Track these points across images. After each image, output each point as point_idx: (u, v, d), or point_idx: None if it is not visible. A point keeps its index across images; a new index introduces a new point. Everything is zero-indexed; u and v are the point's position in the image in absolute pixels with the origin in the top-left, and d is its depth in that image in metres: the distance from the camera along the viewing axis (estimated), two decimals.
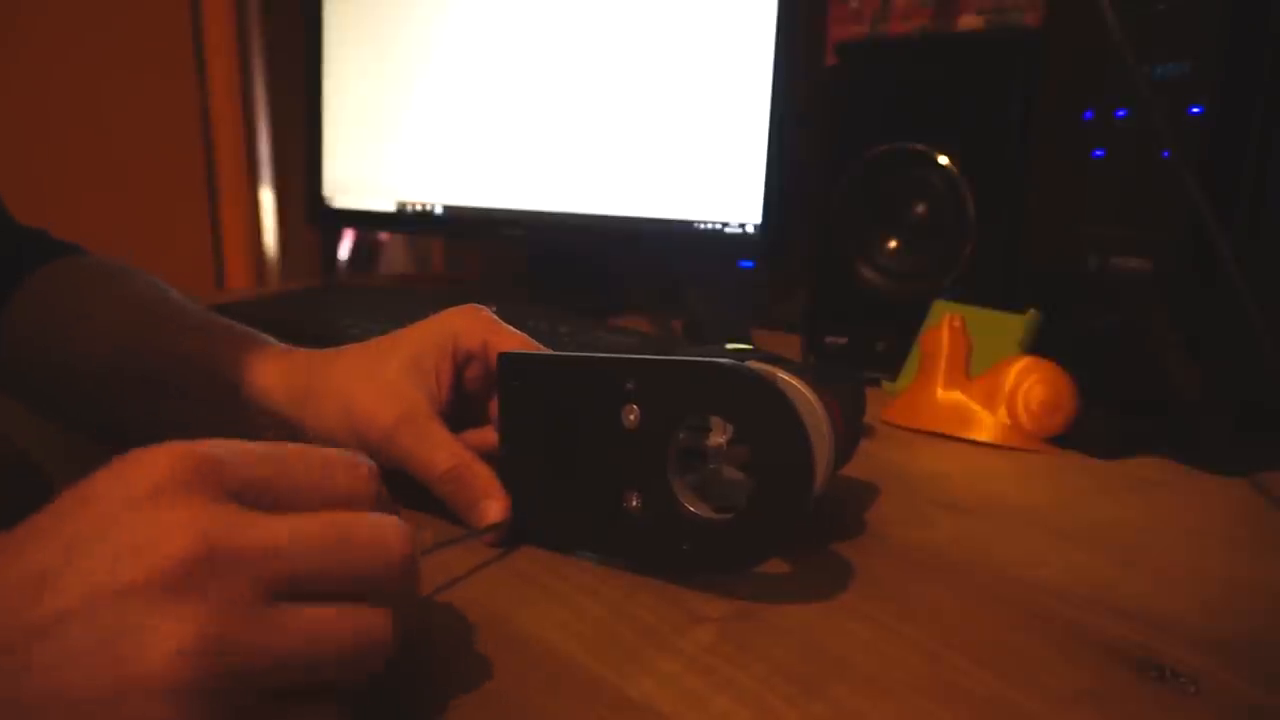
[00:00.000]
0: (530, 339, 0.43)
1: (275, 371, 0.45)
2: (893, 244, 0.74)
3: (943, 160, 0.70)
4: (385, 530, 0.25)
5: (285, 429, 0.44)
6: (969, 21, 0.83)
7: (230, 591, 0.22)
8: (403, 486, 0.38)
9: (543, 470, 0.39)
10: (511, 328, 0.44)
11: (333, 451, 0.27)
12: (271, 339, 0.48)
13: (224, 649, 0.21)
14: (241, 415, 0.45)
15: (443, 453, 0.40)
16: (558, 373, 0.38)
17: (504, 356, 0.40)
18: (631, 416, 0.35)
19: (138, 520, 0.22)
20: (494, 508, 0.39)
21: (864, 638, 0.32)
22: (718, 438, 0.36)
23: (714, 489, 0.36)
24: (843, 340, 0.76)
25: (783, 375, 0.37)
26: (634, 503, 0.36)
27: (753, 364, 0.38)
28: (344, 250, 1.57)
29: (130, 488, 0.23)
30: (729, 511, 0.34)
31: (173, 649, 0.20)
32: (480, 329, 0.43)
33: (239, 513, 0.23)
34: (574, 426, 0.37)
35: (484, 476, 0.39)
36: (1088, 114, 0.57)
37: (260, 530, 0.23)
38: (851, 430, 0.43)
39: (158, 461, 0.23)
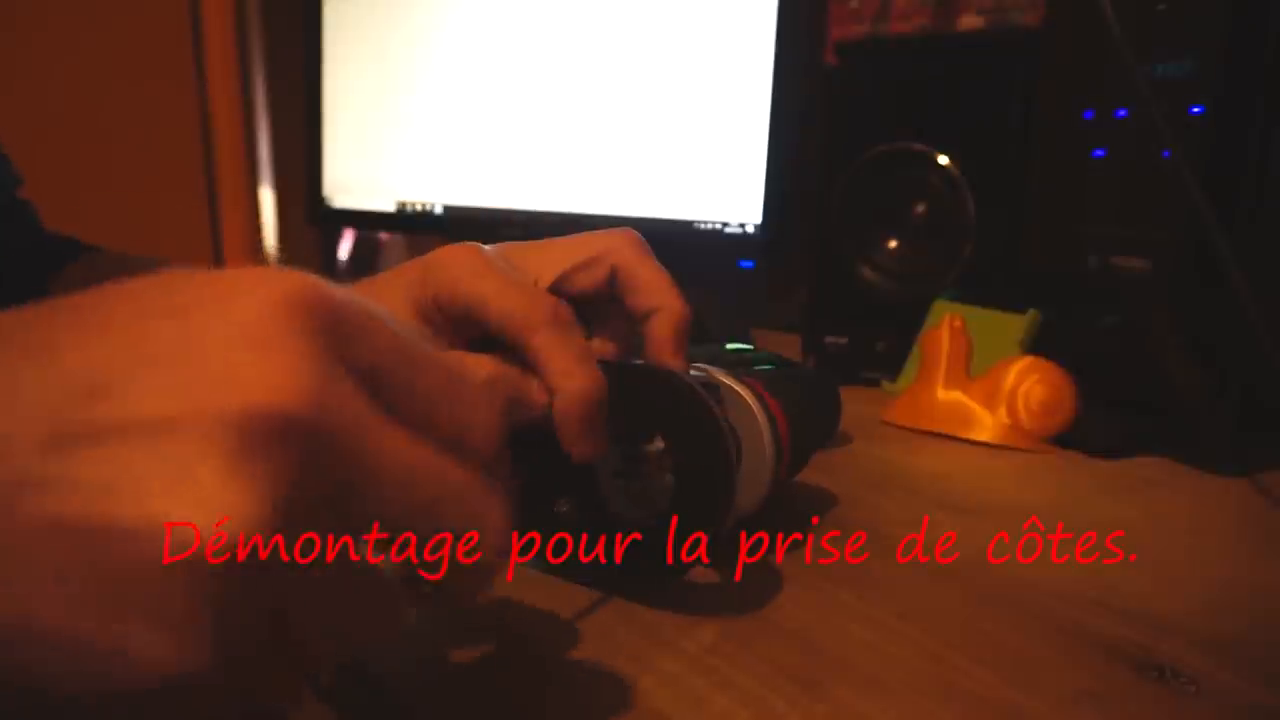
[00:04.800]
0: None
1: None
2: (893, 244, 0.75)
3: (943, 160, 0.70)
4: (483, 513, 0.21)
5: None
6: (969, 21, 0.84)
7: (306, 484, 0.17)
8: None
9: None
10: (505, 278, 0.33)
11: (470, 368, 0.23)
12: None
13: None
14: None
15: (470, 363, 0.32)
16: None
17: None
18: None
19: (236, 349, 0.18)
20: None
21: (865, 638, 0.32)
22: (658, 443, 0.35)
23: (654, 497, 0.35)
24: (843, 340, 0.76)
25: (724, 380, 0.37)
26: (564, 508, 0.35)
27: (699, 365, 0.38)
28: (344, 250, 1.57)
29: (230, 312, 0.18)
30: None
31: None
32: (464, 289, 0.33)
33: (359, 392, 0.19)
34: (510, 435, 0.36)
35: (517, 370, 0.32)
36: (1088, 114, 0.57)
37: (373, 426, 0.19)
38: (802, 442, 0.41)
39: (284, 285, 0.18)
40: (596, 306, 0.37)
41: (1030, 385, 0.57)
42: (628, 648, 0.31)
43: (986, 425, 0.57)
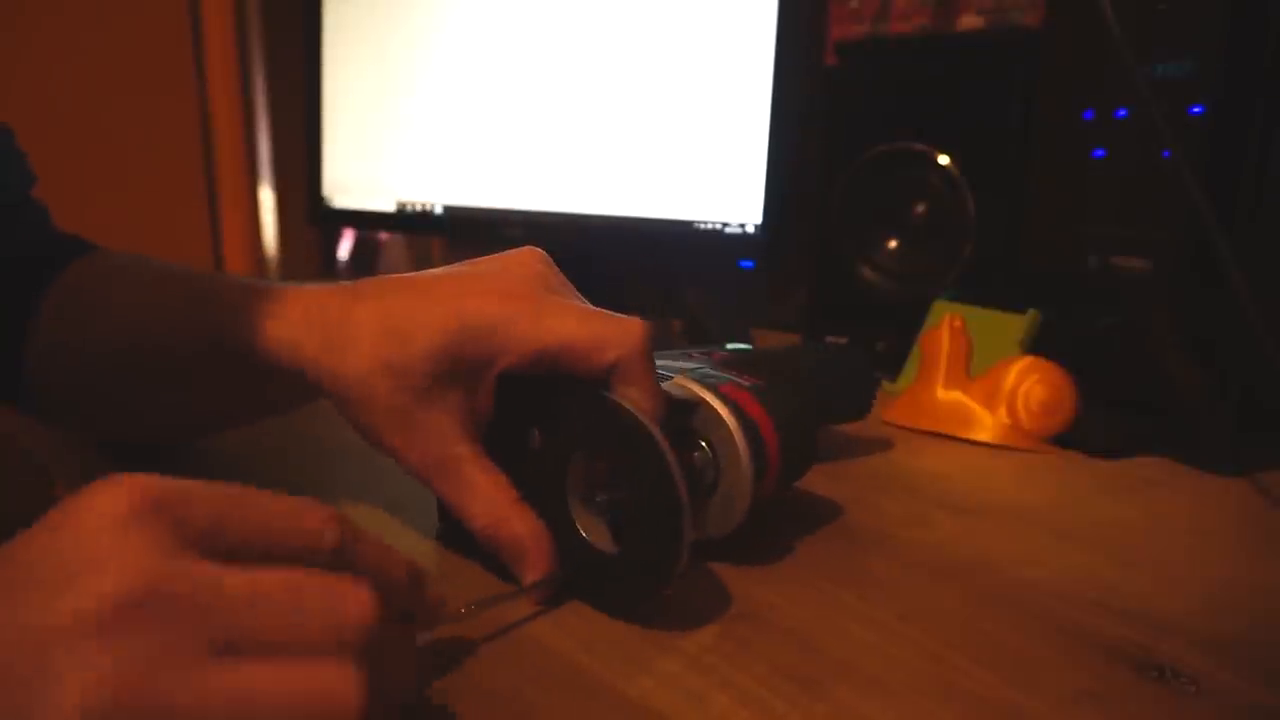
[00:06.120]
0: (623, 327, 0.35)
1: (295, 323, 0.39)
2: (893, 244, 0.75)
3: (943, 160, 0.70)
4: (342, 596, 0.23)
5: (313, 389, 0.39)
6: (969, 21, 0.84)
7: (159, 643, 0.20)
8: None
9: None
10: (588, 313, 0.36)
11: (301, 502, 0.25)
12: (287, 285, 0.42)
13: (133, 711, 0.19)
14: (263, 384, 0.43)
15: (479, 506, 0.35)
16: None
17: None
18: (536, 439, 0.35)
19: (81, 553, 0.21)
20: (530, 572, 0.35)
21: (865, 638, 0.32)
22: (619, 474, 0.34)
23: (618, 525, 0.35)
24: (843, 340, 0.76)
25: (704, 397, 0.36)
26: None
27: (679, 379, 0.37)
28: (344, 250, 1.57)
29: (83, 520, 0.22)
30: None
31: (74, 704, 0.19)
32: (547, 336, 0.35)
33: (189, 558, 0.22)
34: (492, 443, 0.36)
35: (520, 535, 0.35)
36: (1088, 114, 0.57)
37: (207, 579, 0.22)
38: (795, 451, 0.39)
39: (117, 493, 0.22)
40: None
41: (1030, 385, 0.57)
42: (627, 648, 0.31)
43: (986, 425, 0.57)
